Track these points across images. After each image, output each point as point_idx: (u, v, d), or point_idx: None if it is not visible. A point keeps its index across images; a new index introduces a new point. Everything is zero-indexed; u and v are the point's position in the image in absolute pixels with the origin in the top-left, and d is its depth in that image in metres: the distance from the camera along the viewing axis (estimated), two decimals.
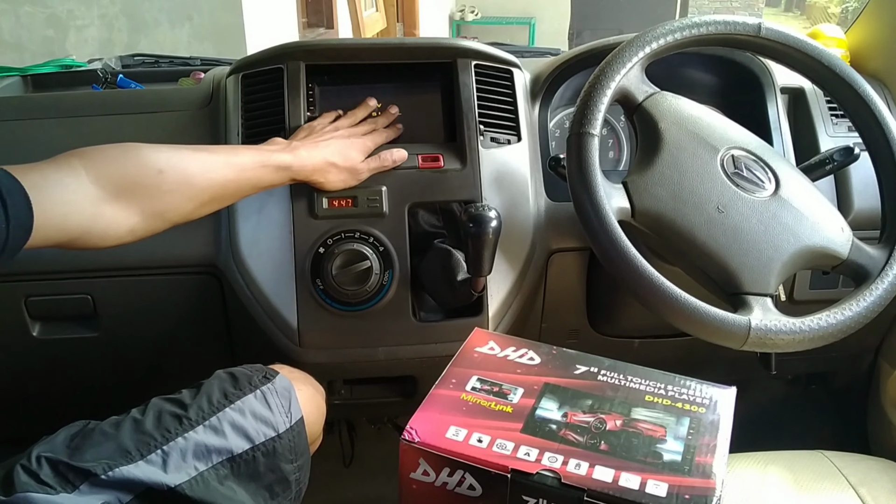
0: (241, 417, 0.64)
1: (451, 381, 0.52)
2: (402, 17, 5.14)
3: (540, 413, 0.49)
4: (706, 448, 0.47)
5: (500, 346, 0.57)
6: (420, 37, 2.28)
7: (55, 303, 0.86)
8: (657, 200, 0.72)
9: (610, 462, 0.45)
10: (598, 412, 0.50)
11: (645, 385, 0.54)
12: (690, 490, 0.43)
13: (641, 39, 0.74)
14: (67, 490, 0.56)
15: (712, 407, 0.52)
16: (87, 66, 1.14)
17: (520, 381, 0.52)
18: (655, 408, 0.51)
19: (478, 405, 0.50)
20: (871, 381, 1.13)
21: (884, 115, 0.76)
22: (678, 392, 0.53)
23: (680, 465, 0.45)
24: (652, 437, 0.48)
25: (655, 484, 0.43)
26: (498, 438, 0.46)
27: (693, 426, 0.49)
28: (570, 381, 0.53)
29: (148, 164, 0.63)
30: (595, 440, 0.47)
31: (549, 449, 0.46)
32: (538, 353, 0.56)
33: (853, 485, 0.77)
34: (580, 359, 0.56)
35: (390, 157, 0.82)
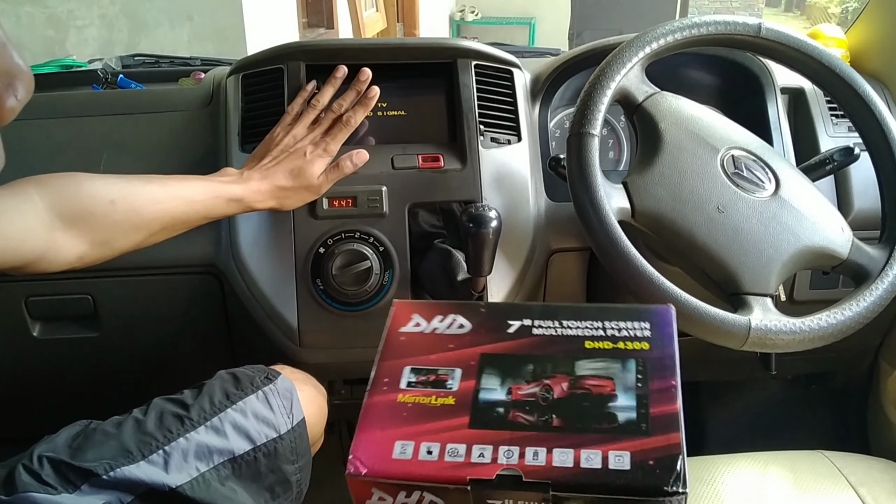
0: (242, 418, 0.64)
1: (383, 382, 0.48)
2: (403, 17, 5.14)
3: (483, 396, 0.46)
4: (659, 395, 0.45)
5: (425, 319, 0.52)
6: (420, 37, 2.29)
7: (55, 303, 0.87)
8: (657, 200, 0.72)
9: (567, 440, 0.43)
10: (542, 377, 0.47)
11: (582, 329, 0.50)
12: (653, 454, 0.41)
13: (641, 40, 0.74)
14: (69, 490, 0.56)
15: (656, 340, 0.49)
16: (87, 66, 1.14)
17: (455, 360, 0.49)
18: (598, 356, 0.48)
19: (418, 405, 0.46)
20: (871, 381, 1.13)
21: (884, 116, 0.76)
22: (617, 329, 0.50)
23: (637, 424, 0.43)
24: (602, 394, 0.45)
25: (617, 455, 0.41)
26: (448, 444, 0.43)
27: (640, 369, 0.47)
28: (506, 344, 0.50)
29: (100, 195, 0.64)
30: (546, 415, 0.44)
31: (502, 441, 0.43)
32: (467, 317, 0.52)
33: (853, 485, 0.77)
34: (511, 312, 0.52)
35: (350, 163, 0.80)
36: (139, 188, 0.67)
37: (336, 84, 0.84)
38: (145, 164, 0.86)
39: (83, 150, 0.86)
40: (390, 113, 0.89)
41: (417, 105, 0.90)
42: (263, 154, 0.79)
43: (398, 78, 0.90)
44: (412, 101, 0.90)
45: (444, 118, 0.89)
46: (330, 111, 0.82)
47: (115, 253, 0.67)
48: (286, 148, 0.78)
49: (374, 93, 0.84)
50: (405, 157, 0.85)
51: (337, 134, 0.80)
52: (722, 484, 0.77)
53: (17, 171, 0.61)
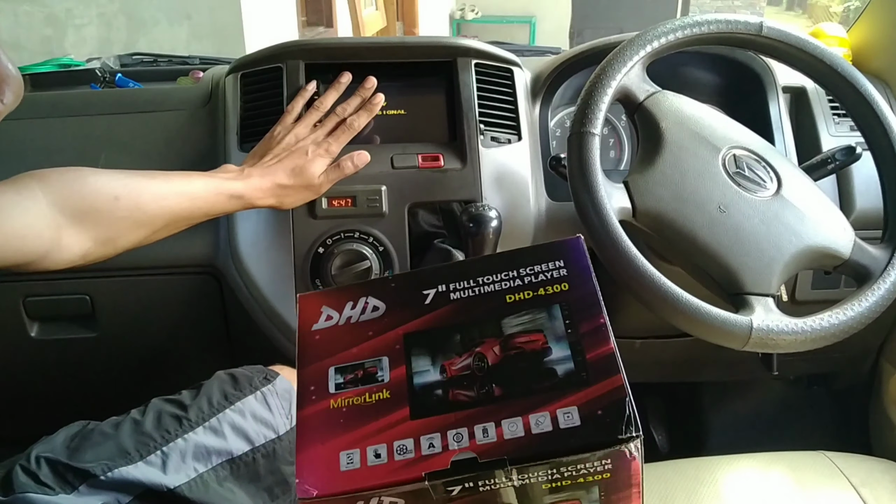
0: (240, 419, 0.64)
1: (309, 391, 0.45)
2: (402, 15, 5.14)
3: (418, 381, 0.44)
4: (591, 337, 0.44)
5: (335, 310, 0.49)
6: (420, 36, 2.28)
7: (53, 303, 0.86)
8: (658, 200, 0.72)
9: (512, 408, 0.41)
10: (472, 346, 0.45)
11: (499, 283, 0.48)
12: (600, 402, 0.40)
13: (642, 38, 0.74)
14: (66, 491, 0.56)
15: (573, 277, 0.48)
16: (85, 65, 1.14)
17: (379, 347, 0.46)
18: (521, 309, 0.46)
19: (353, 407, 0.43)
20: (872, 381, 1.13)
21: (886, 115, 0.76)
22: (534, 274, 0.48)
23: (577, 375, 0.42)
24: (535, 350, 0.44)
25: (565, 413, 0.40)
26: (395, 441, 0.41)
27: (566, 313, 0.46)
28: (426, 318, 0.47)
29: (104, 191, 0.63)
30: (485, 387, 0.43)
31: (448, 425, 0.41)
32: (379, 297, 0.49)
33: (855, 485, 0.77)
34: (423, 281, 0.49)
35: (350, 164, 0.79)
36: (143, 184, 0.67)
37: (340, 89, 0.84)
38: (144, 163, 0.86)
39: (82, 149, 0.86)
40: (390, 112, 0.89)
41: (417, 104, 0.89)
42: (264, 152, 0.78)
43: (398, 77, 0.89)
44: (412, 100, 0.89)
45: (444, 117, 0.89)
46: (333, 114, 0.82)
47: (118, 250, 0.66)
48: (288, 146, 0.78)
49: (379, 99, 0.84)
50: (405, 156, 0.84)
51: (340, 136, 0.80)
52: (724, 484, 0.77)
53: (15, 170, 0.61)
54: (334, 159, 0.79)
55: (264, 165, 0.76)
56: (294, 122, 0.81)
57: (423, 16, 5.29)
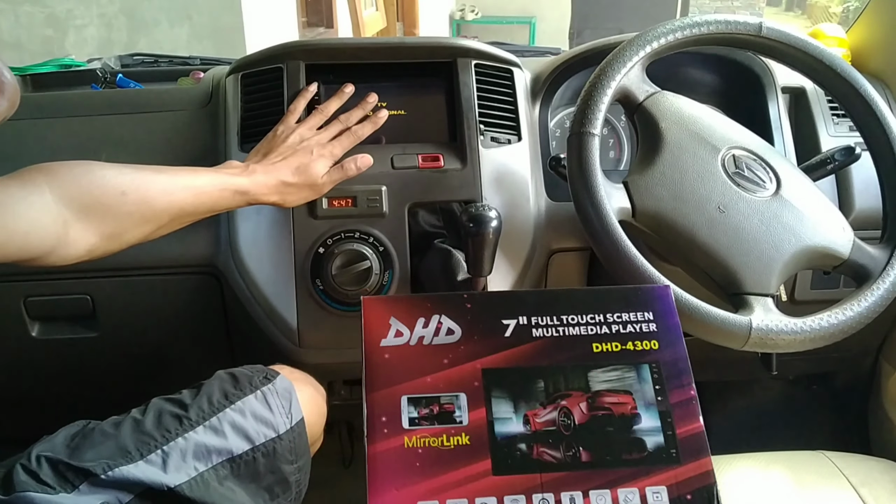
0: (241, 418, 0.64)
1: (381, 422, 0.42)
2: (402, 16, 5.14)
3: (500, 430, 0.42)
4: (681, 409, 0.44)
5: (406, 325, 0.46)
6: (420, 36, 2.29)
7: (54, 303, 0.86)
8: (658, 200, 0.72)
9: (600, 479, 0.41)
10: (557, 398, 0.44)
11: (585, 326, 0.47)
12: (688, 486, 0.41)
13: (642, 39, 0.74)
14: (67, 490, 0.56)
15: (663, 335, 0.47)
16: (86, 65, 1.14)
17: (455, 380, 0.44)
18: (609, 361, 0.45)
19: (430, 449, 0.42)
20: (872, 381, 1.13)
21: (885, 115, 0.76)
22: (622, 324, 0.47)
23: (666, 451, 0.42)
24: (624, 415, 0.44)
25: (654, 492, 0.41)
26: (477, 498, 0.40)
27: (656, 377, 0.45)
28: (507, 354, 0.45)
29: (111, 185, 0.63)
30: (572, 448, 0.42)
31: (533, 488, 0.40)
32: (454, 318, 0.46)
33: (854, 485, 0.77)
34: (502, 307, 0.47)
35: (354, 166, 0.80)
36: (150, 179, 0.67)
37: (343, 98, 0.85)
38: (144, 163, 0.86)
39: (82, 149, 0.86)
40: (390, 112, 0.89)
41: (417, 104, 0.89)
42: (268, 150, 0.79)
43: (398, 77, 0.90)
44: (412, 100, 0.89)
45: (444, 118, 0.89)
46: (337, 121, 0.82)
47: (123, 245, 0.66)
48: (292, 145, 0.79)
49: (384, 114, 0.85)
50: (405, 156, 0.85)
51: (343, 140, 0.81)
52: (723, 484, 0.77)
53: (15, 170, 0.61)
54: (337, 161, 0.80)
55: (269, 163, 0.76)
56: (297, 122, 0.82)
57: (423, 16, 5.30)
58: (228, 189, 0.71)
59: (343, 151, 0.80)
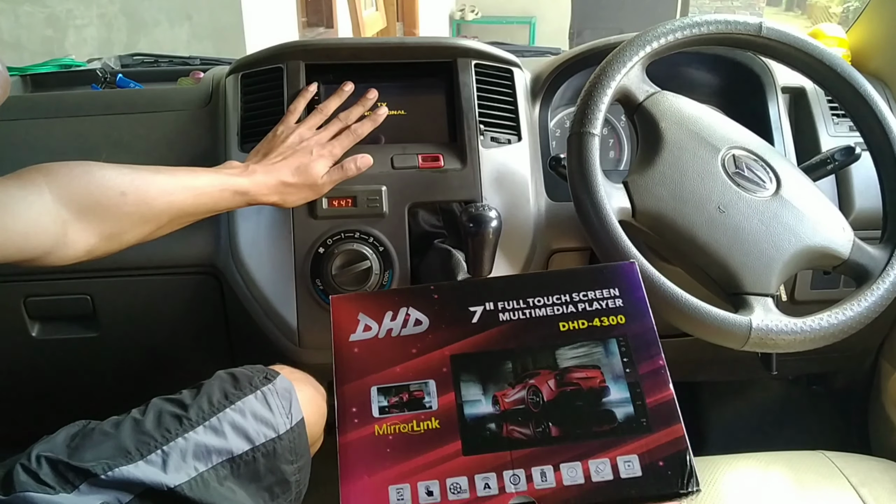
0: (241, 418, 0.64)
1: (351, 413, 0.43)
2: (402, 16, 5.14)
3: (469, 412, 0.42)
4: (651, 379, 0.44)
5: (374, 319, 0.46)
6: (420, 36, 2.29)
7: (54, 303, 0.86)
8: (658, 200, 0.72)
9: (571, 452, 0.41)
10: (525, 377, 0.44)
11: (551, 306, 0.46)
12: (660, 452, 0.41)
13: (642, 39, 0.74)
14: (67, 490, 0.56)
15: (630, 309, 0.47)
16: (86, 65, 1.14)
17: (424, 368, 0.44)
18: (577, 339, 0.45)
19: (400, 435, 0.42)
20: (872, 381, 1.13)
21: (885, 115, 0.76)
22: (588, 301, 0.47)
23: (637, 420, 0.42)
24: (592, 388, 0.43)
25: (626, 461, 0.40)
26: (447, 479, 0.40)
27: (624, 350, 0.45)
28: (474, 339, 0.45)
29: (111, 186, 0.63)
30: (542, 425, 0.42)
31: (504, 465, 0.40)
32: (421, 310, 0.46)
33: (854, 485, 0.77)
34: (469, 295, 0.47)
35: (353, 166, 0.80)
36: (150, 179, 0.67)
37: (343, 97, 0.85)
38: (144, 163, 0.85)
39: (82, 149, 0.86)
40: (390, 112, 0.89)
41: (417, 104, 0.89)
42: (268, 150, 0.79)
43: (398, 77, 0.89)
44: (412, 100, 0.89)
45: (444, 118, 0.89)
46: (337, 119, 0.82)
47: (122, 246, 0.66)
48: (292, 146, 0.79)
49: (383, 111, 0.85)
50: (405, 156, 0.85)
51: (343, 140, 0.81)
52: (723, 484, 0.77)
53: (16, 170, 0.61)
54: (337, 161, 0.80)
55: (269, 163, 0.76)
56: (297, 122, 0.82)
57: (423, 16, 5.30)
58: (228, 189, 0.71)
59: (343, 150, 0.80)
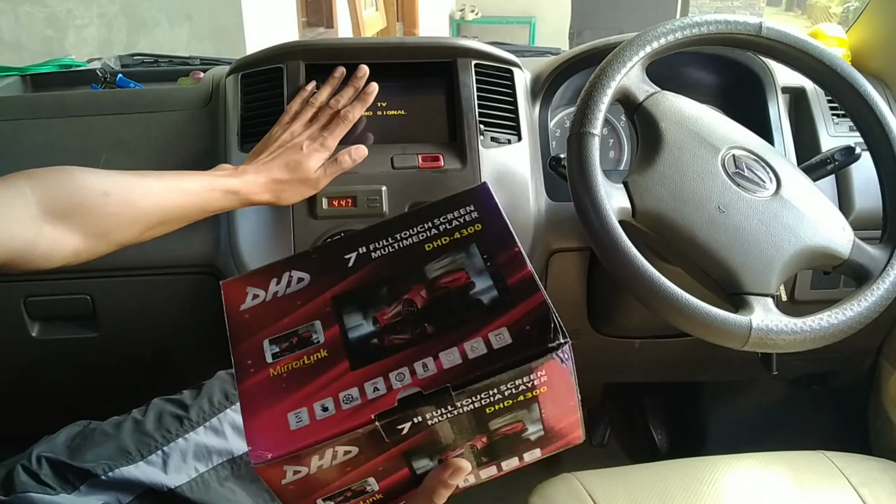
0: (241, 418, 0.64)
1: (247, 365, 0.45)
2: (402, 16, 5.14)
3: (353, 335, 0.45)
4: (509, 265, 0.46)
5: (261, 288, 0.49)
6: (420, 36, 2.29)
7: (54, 303, 0.86)
8: (658, 200, 0.72)
9: (447, 341, 0.43)
10: (400, 295, 0.46)
11: (416, 234, 0.50)
12: (526, 319, 0.43)
13: (642, 39, 0.74)
14: (67, 490, 0.56)
15: (485, 218, 0.50)
16: (86, 65, 1.14)
17: (309, 314, 0.47)
18: (441, 253, 0.48)
19: (293, 371, 0.44)
20: (872, 381, 1.13)
21: (885, 115, 0.76)
22: (447, 222, 0.50)
23: (501, 300, 0.44)
24: (460, 286, 0.46)
25: (496, 335, 0.43)
26: (340, 393, 0.42)
27: (483, 248, 0.48)
28: (351, 279, 0.48)
29: (93, 187, 0.63)
30: (419, 328, 0.44)
31: (389, 369, 0.43)
32: (301, 269, 0.50)
33: (854, 485, 0.77)
34: (344, 246, 0.51)
35: (349, 159, 0.79)
36: (134, 181, 0.66)
37: (335, 84, 0.84)
38: (144, 163, 0.86)
39: (82, 149, 0.86)
40: (390, 112, 0.89)
41: (417, 104, 0.89)
42: (261, 151, 0.79)
43: (398, 77, 0.89)
44: (412, 100, 0.89)
45: (444, 118, 0.89)
46: (327, 107, 0.82)
47: (111, 247, 0.66)
48: (283, 143, 0.78)
49: (373, 89, 0.84)
50: (405, 156, 0.85)
51: (335, 129, 0.80)
52: (723, 484, 0.77)
53: (15, 170, 0.61)
54: (332, 154, 0.79)
55: (260, 162, 0.76)
56: (290, 120, 0.81)
57: (423, 16, 5.29)
58: (218, 189, 0.71)
59: (336, 141, 0.80)
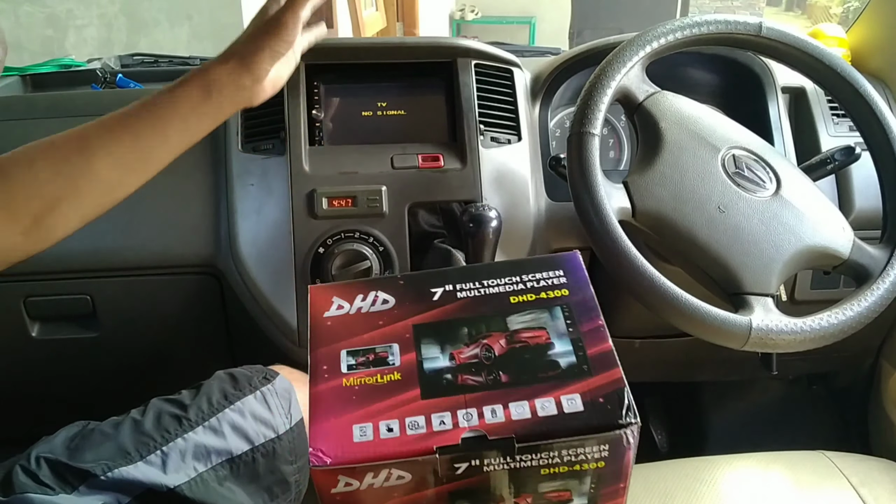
0: (240, 418, 0.64)
1: (322, 370, 0.47)
2: (402, 16, 5.13)
3: (428, 366, 0.47)
4: (591, 335, 0.47)
5: (346, 301, 0.52)
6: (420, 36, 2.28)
7: (54, 303, 0.86)
8: (658, 200, 0.72)
9: (519, 393, 0.44)
10: (479, 338, 0.48)
11: (503, 285, 0.52)
12: (601, 391, 0.44)
13: (642, 39, 0.74)
14: (66, 491, 0.56)
15: (573, 285, 0.51)
16: (86, 65, 1.14)
17: (389, 335, 0.49)
18: (525, 308, 0.50)
19: (365, 386, 0.46)
20: (872, 381, 1.13)
21: (885, 115, 0.76)
22: (535, 280, 0.52)
23: (579, 367, 0.46)
24: (539, 344, 0.47)
25: (569, 399, 0.43)
26: (407, 418, 0.43)
27: (567, 314, 0.49)
28: (434, 312, 0.50)
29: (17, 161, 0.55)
30: (493, 374, 0.46)
31: (458, 406, 0.44)
32: (388, 292, 0.52)
33: (854, 485, 0.77)
34: (431, 280, 0.53)
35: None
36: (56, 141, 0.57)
37: None
38: None
39: None
40: (390, 112, 0.89)
41: (417, 104, 0.89)
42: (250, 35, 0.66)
43: (398, 77, 0.89)
44: (412, 100, 0.89)
45: (444, 118, 0.89)
46: None
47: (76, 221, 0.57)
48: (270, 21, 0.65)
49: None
50: (405, 156, 0.85)
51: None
52: (723, 484, 0.77)
53: None
54: None
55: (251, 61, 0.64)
56: None
57: (423, 16, 5.29)
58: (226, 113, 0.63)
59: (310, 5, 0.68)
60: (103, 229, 0.83)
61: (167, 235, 0.84)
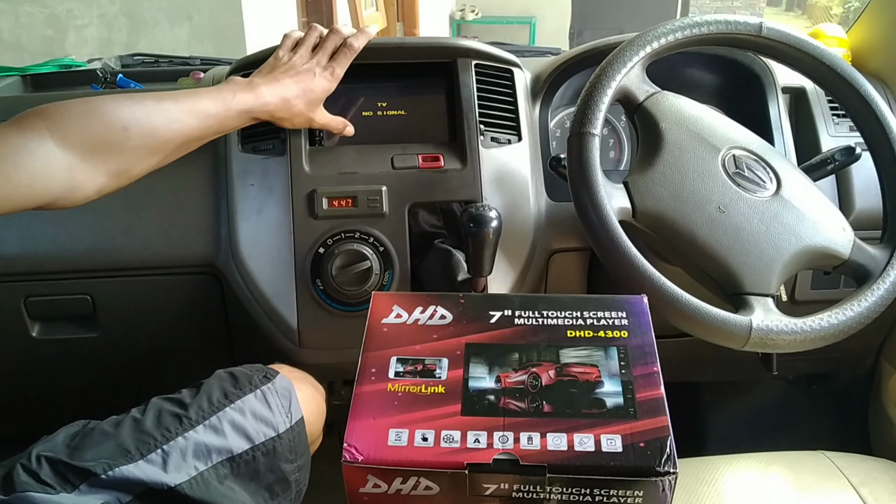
0: (241, 417, 0.64)
1: (370, 371, 0.48)
2: (402, 16, 5.14)
3: (473, 384, 0.47)
4: (643, 380, 0.47)
5: (406, 310, 0.53)
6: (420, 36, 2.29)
7: (54, 303, 0.86)
8: (658, 200, 0.72)
9: (559, 425, 0.44)
10: (529, 366, 0.49)
11: (562, 318, 0.52)
12: (643, 436, 0.43)
13: (642, 39, 0.74)
14: (67, 490, 0.56)
15: (633, 328, 0.52)
16: (86, 65, 1.14)
17: (441, 350, 0.50)
18: (581, 344, 0.50)
19: (408, 394, 0.47)
20: (872, 381, 1.13)
21: (885, 115, 0.76)
22: (596, 318, 0.52)
23: (625, 409, 0.45)
24: (588, 381, 0.47)
25: (609, 439, 0.43)
26: (443, 430, 0.44)
27: (622, 356, 0.49)
28: (489, 334, 0.51)
29: (114, 122, 0.62)
30: (536, 402, 0.46)
31: (496, 427, 0.44)
32: (448, 308, 0.53)
33: (854, 485, 0.77)
34: (491, 303, 0.54)
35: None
36: (152, 109, 0.65)
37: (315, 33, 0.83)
38: None
39: None
40: (390, 112, 0.89)
41: (417, 105, 0.89)
42: (272, 69, 0.78)
43: (398, 77, 0.90)
44: (412, 100, 0.89)
45: (444, 118, 0.89)
46: (332, 33, 0.82)
47: (131, 180, 0.65)
48: (293, 67, 0.78)
49: (374, 28, 0.84)
50: (405, 156, 0.85)
51: (341, 58, 0.80)
52: (723, 484, 0.77)
53: None
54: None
55: (273, 78, 0.76)
56: (294, 46, 0.81)
57: (423, 16, 5.29)
58: (233, 110, 0.71)
59: (343, 70, 0.80)
60: (103, 229, 0.83)
61: (167, 235, 0.84)
